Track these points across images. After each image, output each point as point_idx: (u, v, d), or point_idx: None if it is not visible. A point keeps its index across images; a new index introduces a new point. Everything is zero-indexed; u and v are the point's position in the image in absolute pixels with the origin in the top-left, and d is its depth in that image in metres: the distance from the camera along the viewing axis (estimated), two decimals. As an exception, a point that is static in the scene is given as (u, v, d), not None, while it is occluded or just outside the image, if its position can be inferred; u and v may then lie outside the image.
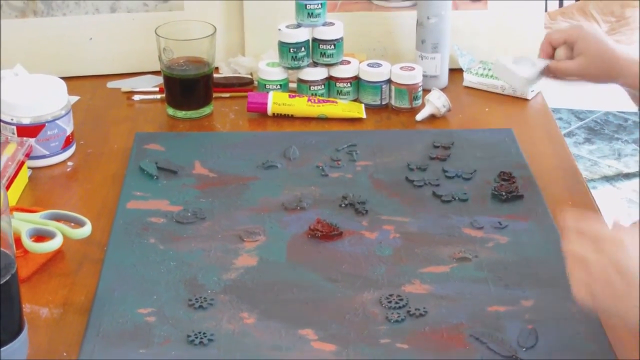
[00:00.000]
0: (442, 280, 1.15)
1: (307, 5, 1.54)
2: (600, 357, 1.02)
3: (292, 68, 1.56)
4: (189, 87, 1.52)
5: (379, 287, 1.14)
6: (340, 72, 1.57)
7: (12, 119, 1.37)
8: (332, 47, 1.55)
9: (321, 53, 1.56)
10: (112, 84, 1.63)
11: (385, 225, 1.25)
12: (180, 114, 1.53)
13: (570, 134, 2.89)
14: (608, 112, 2.97)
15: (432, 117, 1.53)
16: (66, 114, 1.40)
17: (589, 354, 1.03)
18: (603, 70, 1.31)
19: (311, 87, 1.56)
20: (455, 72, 1.64)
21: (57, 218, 1.20)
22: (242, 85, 1.61)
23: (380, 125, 1.52)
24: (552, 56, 1.37)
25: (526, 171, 1.36)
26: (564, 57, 1.34)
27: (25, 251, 1.16)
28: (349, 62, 1.57)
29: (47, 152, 1.39)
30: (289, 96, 1.53)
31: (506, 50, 1.66)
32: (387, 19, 1.66)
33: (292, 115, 1.53)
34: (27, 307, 1.11)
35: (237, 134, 1.49)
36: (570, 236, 0.84)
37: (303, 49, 1.55)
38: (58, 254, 1.20)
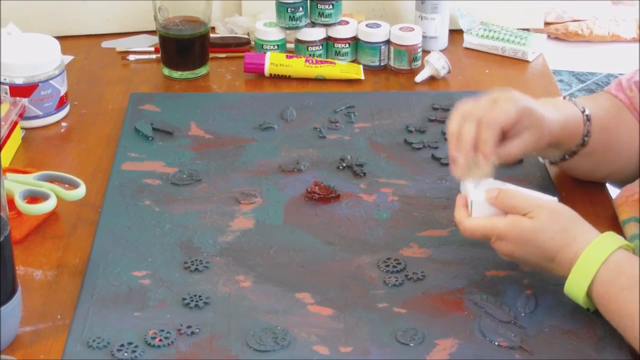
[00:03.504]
0: (441, 244, 1.14)
1: (305, -36, 1.51)
2: (598, 322, 1.02)
3: (289, 28, 1.54)
4: (185, 47, 1.49)
5: (377, 251, 1.13)
6: (338, 32, 1.54)
7: (5, 79, 1.35)
8: (331, 7, 1.53)
9: (319, 13, 1.54)
10: (106, 44, 1.61)
11: (384, 188, 1.24)
12: (176, 74, 1.51)
13: (571, 96, 2.87)
14: (609, 74, 2.95)
15: (432, 79, 1.51)
16: (60, 73, 1.38)
17: (587, 318, 1.03)
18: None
19: (309, 47, 1.54)
20: (455, 33, 1.62)
21: (51, 179, 1.19)
22: (238, 45, 1.59)
23: (379, 86, 1.50)
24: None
25: (526, 134, 1.35)
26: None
27: (19, 213, 1.15)
28: (347, 23, 1.55)
29: (41, 113, 1.37)
30: (287, 57, 1.51)
31: (508, 11, 1.64)
32: (387, -22, 1.64)
33: (289, 76, 1.51)
34: (20, 269, 1.10)
35: (234, 94, 1.47)
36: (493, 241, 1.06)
37: (301, 8, 1.53)
38: (52, 216, 1.19)
